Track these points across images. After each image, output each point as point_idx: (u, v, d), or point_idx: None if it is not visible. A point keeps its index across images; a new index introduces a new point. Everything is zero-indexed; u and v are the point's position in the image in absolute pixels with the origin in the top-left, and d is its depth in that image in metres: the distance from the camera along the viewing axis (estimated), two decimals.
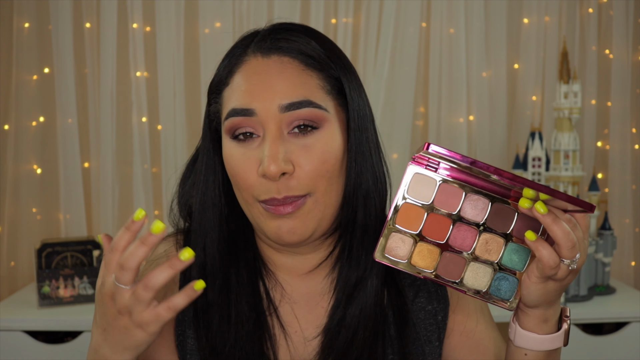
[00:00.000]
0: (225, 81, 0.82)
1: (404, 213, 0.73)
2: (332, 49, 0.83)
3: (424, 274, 0.73)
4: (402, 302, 0.86)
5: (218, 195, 0.85)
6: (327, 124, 0.79)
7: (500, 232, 0.73)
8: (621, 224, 2.45)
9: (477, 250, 0.73)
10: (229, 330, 0.82)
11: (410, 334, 0.86)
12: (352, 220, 0.84)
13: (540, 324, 0.74)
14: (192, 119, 2.37)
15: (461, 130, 2.41)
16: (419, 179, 0.73)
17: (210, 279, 0.84)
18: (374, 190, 0.84)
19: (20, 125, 2.33)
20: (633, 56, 2.45)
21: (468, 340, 0.88)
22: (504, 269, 0.73)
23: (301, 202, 0.78)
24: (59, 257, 2.14)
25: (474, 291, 0.73)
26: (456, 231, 0.73)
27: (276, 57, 0.79)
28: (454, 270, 0.73)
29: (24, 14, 2.30)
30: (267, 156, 0.75)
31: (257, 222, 0.81)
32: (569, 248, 0.66)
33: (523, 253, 0.72)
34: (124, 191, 2.38)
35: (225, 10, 2.34)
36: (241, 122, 0.78)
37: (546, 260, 0.67)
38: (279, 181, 0.76)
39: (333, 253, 0.87)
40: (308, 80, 0.79)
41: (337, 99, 0.82)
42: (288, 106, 0.77)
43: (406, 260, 0.73)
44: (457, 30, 2.38)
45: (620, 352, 1.98)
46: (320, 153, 0.78)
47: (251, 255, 0.87)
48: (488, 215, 0.73)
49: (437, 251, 0.73)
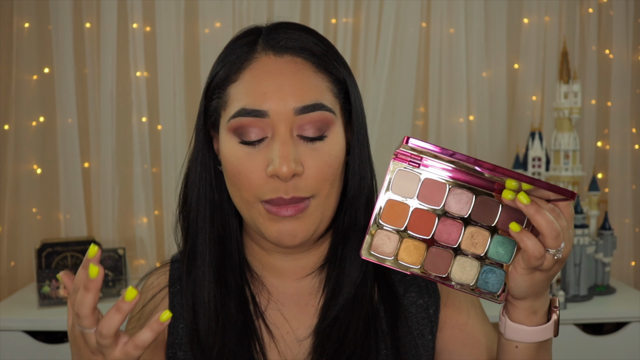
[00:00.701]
0: (232, 77, 0.80)
1: (388, 210, 0.73)
2: (336, 51, 0.84)
3: (411, 270, 0.73)
4: (392, 296, 0.87)
5: (212, 194, 0.85)
6: (334, 128, 0.79)
7: (485, 225, 0.73)
8: (621, 224, 2.45)
9: (463, 244, 0.72)
10: (216, 333, 0.82)
11: (403, 327, 0.86)
12: (354, 223, 0.84)
13: (529, 315, 0.74)
14: (192, 119, 2.37)
15: (461, 130, 2.41)
16: (402, 175, 0.73)
17: (201, 281, 0.84)
18: (373, 193, 0.85)
19: (20, 125, 2.33)
20: (633, 56, 2.45)
21: (460, 334, 0.89)
22: (490, 261, 0.73)
23: (304, 205, 0.78)
24: (59, 257, 2.14)
25: (462, 285, 0.73)
26: (441, 226, 0.73)
27: (289, 57, 0.79)
28: (441, 265, 0.72)
29: (24, 14, 2.30)
30: (280, 157, 0.75)
31: (256, 224, 0.81)
32: (553, 237, 0.66)
33: (509, 245, 0.72)
34: (124, 191, 2.38)
35: (225, 10, 2.34)
36: (251, 123, 0.77)
37: (531, 251, 0.67)
38: (289, 182, 0.76)
39: (323, 253, 0.88)
40: (320, 82, 0.79)
41: (341, 102, 0.82)
42: (302, 109, 0.76)
43: (393, 257, 0.73)
44: (457, 30, 2.38)
45: (620, 352, 1.98)
46: (327, 157, 0.78)
47: (236, 260, 0.87)
48: (472, 209, 0.73)
49: (423, 247, 0.73)
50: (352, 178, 0.83)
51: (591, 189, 2.20)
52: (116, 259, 2.14)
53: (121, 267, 2.14)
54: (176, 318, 0.87)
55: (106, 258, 2.13)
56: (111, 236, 2.35)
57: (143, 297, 0.91)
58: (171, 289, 0.89)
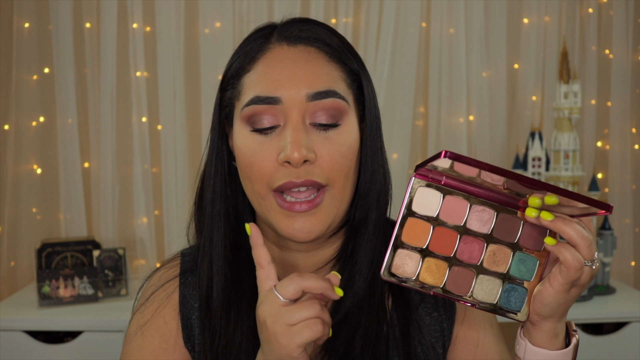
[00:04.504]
0: (246, 67, 0.80)
1: (409, 228, 0.71)
2: (350, 45, 0.84)
3: (434, 290, 0.71)
4: (404, 303, 0.86)
5: (225, 188, 0.85)
6: (347, 117, 0.79)
7: (507, 242, 0.71)
8: (621, 224, 2.45)
9: (485, 262, 0.71)
10: (228, 325, 0.82)
11: (415, 336, 0.85)
12: (364, 218, 0.83)
13: (552, 338, 0.72)
14: (192, 119, 2.37)
15: (461, 130, 2.41)
16: (423, 192, 0.71)
17: (215, 273, 0.84)
18: (384, 189, 0.85)
19: (20, 125, 2.33)
20: (633, 56, 2.45)
21: (474, 349, 0.87)
22: (512, 279, 0.71)
23: (319, 200, 0.78)
24: (59, 257, 2.14)
25: (484, 304, 0.71)
26: (463, 244, 0.71)
27: (302, 47, 0.80)
28: (463, 284, 0.71)
29: (24, 14, 2.30)
30: (291, 142, 0.75)
31: (268, 218, 0.80)
32: (587, 246, 0.65)
33: (530, 262, 0.71)
34: (124, 191, 2.38)
35: (225, 10, 2.34)
36: (264, 110, 0.77)
37: (571, 262, 0.65)
38: (300, 168, 0.76)
39: (336, 250, 0.87)
40: (333, 71, 0.79)
41: (355, 94, 0.82)
42: (315, 95, 0.77)
43: (414, 277, 0.71)
44: (457, 30, 2.38)
45: (620, 352, 1.98)
46: (340, 146, 0.78)
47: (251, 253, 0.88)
48: (494, 226, 0.71)
49: (445, 265, 0.71)
50: (364, 171, 0.83)
51: (591, 189, 2.20)
52: (116, 259, 2.14)
53: (121, 267, 2.14)
54: (189, 309, 0.87)
55: (106, 258, 2.13)
56: (111, 236, 2.35)
57: (151, 287, 0.91)
58: (182, 280, 0.89)
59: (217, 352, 0.82)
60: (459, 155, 0.60)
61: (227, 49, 2.30)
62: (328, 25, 0.84)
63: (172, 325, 0.86)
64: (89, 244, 2.19)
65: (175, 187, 2.35)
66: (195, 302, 0.87)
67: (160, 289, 0.89)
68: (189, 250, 0.92)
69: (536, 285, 0.71)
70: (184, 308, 0.87)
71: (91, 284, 2.06)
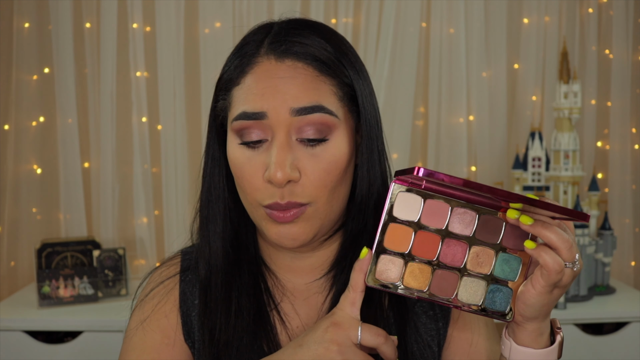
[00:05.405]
0: (235, 80, 0.81)
1: (391, 234, 0.71)
2: (346, 53, 0.82)
3: (418, 294, 0.71)
4: (401, 302, 0.87)
5: (222, 189, 0.86)
6: (336, 132, 0.79)
7: (489, 243, 0.71)
8: (621, 224, 2.45)
9: (469, 264, 0.71)
10: (228, 322, 0.83)
11: (411, 334, 0.86)
12: (363, 229, 0.84)
13: (536, 337, 0.72)
14: (192, 119, 2.37)
15: (461, 130, 2.41)
16: (403, 197, 0.71)
17: (214, 271, 0.85)
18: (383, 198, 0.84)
19: (20, 125, 2.33)
20: (633, 56, 2.45)
21: (468, 348, 0.88)
22: (496, 280, 0.72)
23: (300, 212, 0.78)
24: (59, 257, 2.14)
25: (470, 306, 0.71)
26: (446, 247, 0.71)
27: (290, 62, 0.78)
28: (448, 287, 0.71)
29: (24, 14, 2.30)
30: (274, 162, 0.75)
31: (259, 225, 0.82)
32: (567, 249, 0.65)
33: (514, 262, 0.71)
34: (124, 191, 2.38)
35: (225, 10, 2.34)
36: (252, 125, 0.77)
37: (551, 266, 0.65)
38: (284, 188, 0.77)
39: (333, 253, 0.88)
40: (321, 86, 0.78)
41: (348, 106, 0.81)
42: (300, 110, 0.76)
43: (398, 282, 0.71)
44: (457, 30, 2.38)
45: (620, 352, 1.98)
46: (327, 163, 0.78)
47: (252, 251, 0.88)
48: (476, 228, 0.71)
49: (428, 269, 0.71)
50: (360, 183, 0.83)
51: (591, 189, 2.20)
52: (116, 259, 2.14)
53: (121, 267, 2.14)
54: (189, 306, 0.88)
55: (106, 258, 2.13)
56: (111, 236, 2.35)
57: (151, 283, 0.91)
58: (182, 277, 0.90)
59: (218, 347, 0.83)
60: (432, 172, 0.61)
61: (227, 49, 2.26)
62: (324, 30, 0.83)
63: (172, 321, 0.87)
64: (89, 244, 2.19)
65: (175, 187, 2.35)
66: (195, 300, 0.88)
67: (160, 285, 0.90)
68: (189, 249, 0.93)
69: (521, 285, 0.71)
70: (184, 305, 0.88)
71: (91, 284, 2.06)
